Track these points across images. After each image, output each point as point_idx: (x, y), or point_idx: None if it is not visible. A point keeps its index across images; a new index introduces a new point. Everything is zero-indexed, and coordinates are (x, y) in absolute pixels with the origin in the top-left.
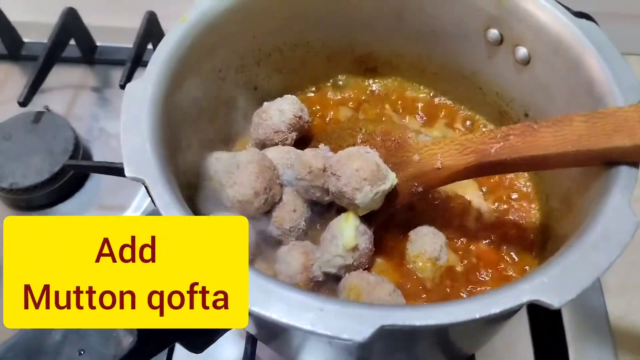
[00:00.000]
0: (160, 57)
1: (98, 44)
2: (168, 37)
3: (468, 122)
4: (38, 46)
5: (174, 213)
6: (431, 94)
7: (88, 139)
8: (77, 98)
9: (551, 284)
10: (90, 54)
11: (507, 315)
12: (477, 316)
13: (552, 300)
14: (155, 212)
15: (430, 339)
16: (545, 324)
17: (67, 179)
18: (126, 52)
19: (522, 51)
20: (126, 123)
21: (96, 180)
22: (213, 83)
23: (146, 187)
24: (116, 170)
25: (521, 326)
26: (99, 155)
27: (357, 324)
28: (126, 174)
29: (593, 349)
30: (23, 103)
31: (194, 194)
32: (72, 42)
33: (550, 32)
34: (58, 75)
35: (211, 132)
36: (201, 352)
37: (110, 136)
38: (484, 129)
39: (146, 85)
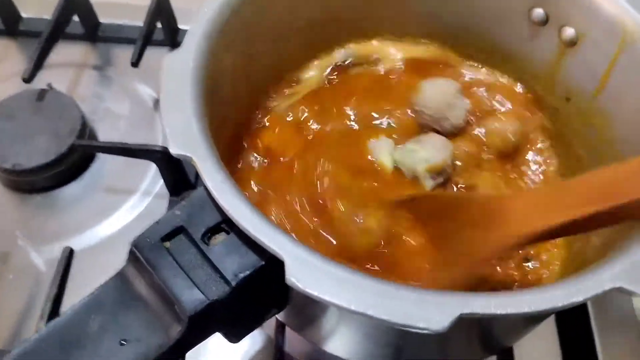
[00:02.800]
0: (200, 29)
1: (101, 20)
2: (207, 8)
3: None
4: (37, 22)
5: (226, 193)
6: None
7: (93, 119)
8: (79, 77)
9: (634, 271)
10: (93, 31)
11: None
12: (560, 305)
13: (636, 288)
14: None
15: (481, 330)
16: (571, 318)
17: (72, 161)
18: (130, 30)
19: (569, 32)
20: (167, 97)
21: (101, 163)
22: (243, 61)
23: (193, 166)
24: (130, 151)
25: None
26: (105, 136)
27: (435, 311)
28: (171, 151)
29: (620, 343)
30: (28, 79)
31: None
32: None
33: (603, 12)
34: (58, 52)
35: (237, 115)
36: (238, 341)
37: (116, 117)
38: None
39: (186, 58)
